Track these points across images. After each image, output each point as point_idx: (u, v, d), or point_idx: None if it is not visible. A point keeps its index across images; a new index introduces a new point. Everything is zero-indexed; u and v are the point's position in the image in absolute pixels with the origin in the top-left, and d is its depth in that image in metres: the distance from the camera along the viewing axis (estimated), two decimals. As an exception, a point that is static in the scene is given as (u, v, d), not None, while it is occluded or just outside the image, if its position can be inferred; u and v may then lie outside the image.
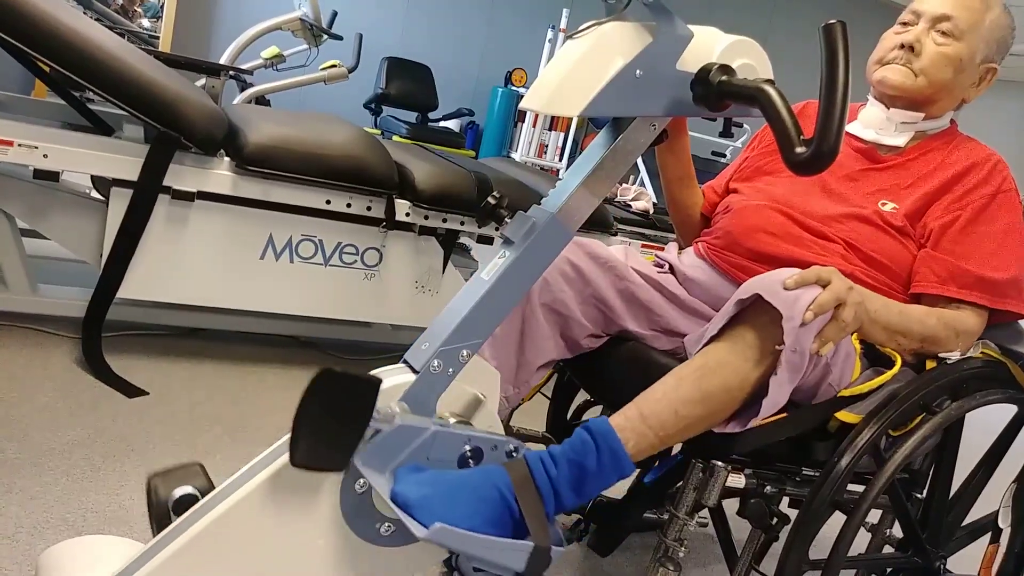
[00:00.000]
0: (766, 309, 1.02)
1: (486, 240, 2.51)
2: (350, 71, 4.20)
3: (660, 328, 1.30)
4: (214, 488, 0.97)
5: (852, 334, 1.16)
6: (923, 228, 1.28)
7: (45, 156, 1.85)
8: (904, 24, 1.35)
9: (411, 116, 6.39)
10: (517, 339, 1.26)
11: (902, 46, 1.32)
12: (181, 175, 1.96)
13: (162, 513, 0.97)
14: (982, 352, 1.22)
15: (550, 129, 6.74)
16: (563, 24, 6.13)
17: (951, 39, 1.29)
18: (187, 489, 0.99)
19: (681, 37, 1.00)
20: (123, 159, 1.90)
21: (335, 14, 4.32)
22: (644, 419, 1.01)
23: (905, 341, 1.20)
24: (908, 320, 1.19)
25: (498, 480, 0.94)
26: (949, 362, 1.19)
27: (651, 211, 2.92)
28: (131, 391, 1.90)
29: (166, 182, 1.94)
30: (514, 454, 1.01)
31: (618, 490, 1.63)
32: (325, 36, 4.02)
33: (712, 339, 1.07)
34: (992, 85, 1.38)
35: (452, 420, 1.02)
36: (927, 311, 1.22)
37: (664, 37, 0.98)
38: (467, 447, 0.99)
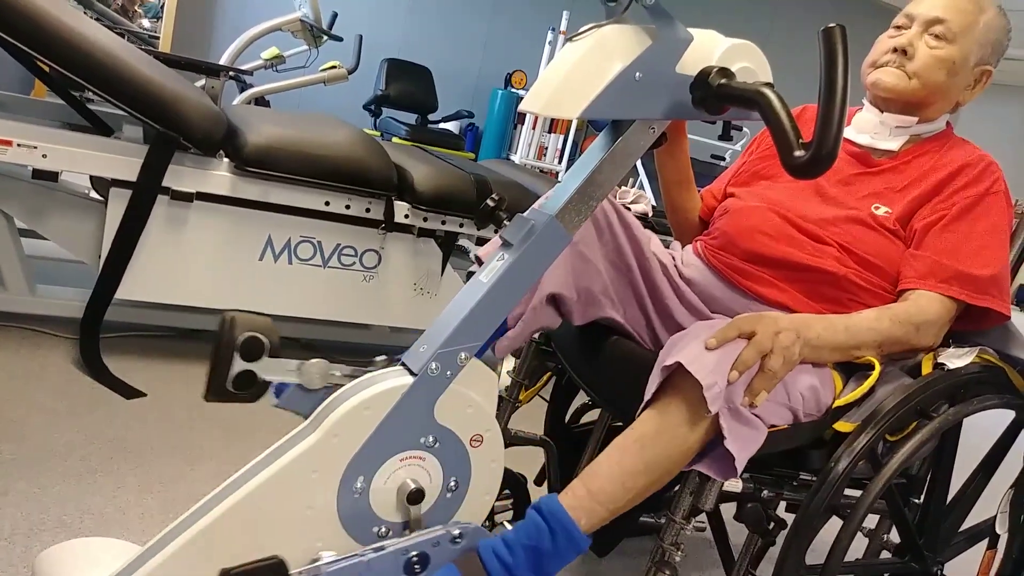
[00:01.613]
0: (690, 374, 1.00)
1: (485, 242, 2.51)
2: (350, 72, 4.20)
3: (663, 314, 1.31)
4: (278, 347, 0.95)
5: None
6: (910, 229, 1.28)
7: (44, 156, 1.85)
8: (898, 28, 1.36)
9: (411, 118, 6.39)
10: None
11: (895, 49, 1.33)
12: (180, 176, 1.96)
13: (228, 350, 0.93)
14: (980, 357, 1.21)
15: (550, 131, 6.73)
16: (563, 26, 6.12)
17: (944, 42, 1.29)
18: (258, 336, 0.94)
19: (681, 40, 1.00)
20: (122, 159, 1.90)
21: (335, 15, 4.32)
22: (592, 496, 1.02)
23: (862, 352, 1.18)
24: (857, 333, 1.16)
25: None
26: (948, 367, 1.18)
27: (650, 214, 2.91)
28: (129, 392, 1.90)
29: (165, 183, 1.94)
30: (459, 539, 1.00)
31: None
32: (325, 37, 4.02)
33: (648, 403, 1.06)
34: (988, 87, 1.38)
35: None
36: (877, 315, 1.20)
37: (664, 40, 0.98)
38: (411, 555, 0.98)
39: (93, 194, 2.11)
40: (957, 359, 1.19)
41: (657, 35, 0.98)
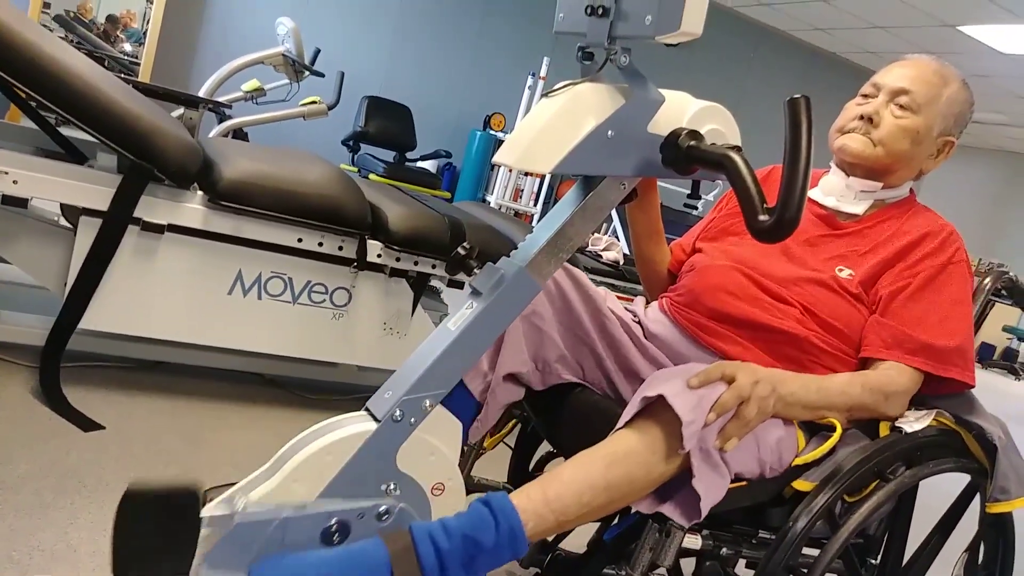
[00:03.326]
0: (670, 407, 1.02)
1: (457, 284, 2.52)
2: (330, 108, 4.22)
3: (624, 368, 1.32)
4: None
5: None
6: (875, 295, 1.31)
7: (15, 182, 1.83)
8: (865, 96, 1.40)
9: (389, 155, 6.42)
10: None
11: (862, 117, 1.37)
12: (152, 207, 1.95)
13: None
14: (936, 421, 1.24)
15: (526, 175, 6.79)
16: (543, 71, 6.22)
17: (909, 112, 1.34)
18: None
19: (653, 101, 1.02)
20: (94, 188, 1.89)
21: (318, 51, 4.36)
22: (547, 502, 1.01)
23: (831, 414, 1.20)
24: (828, 395, 1.20)
25: (370, 559, 0.91)
26: (906, 431, 1.20)
27: (621, 261, 2.95)
28: (87, 425, 1.86)
29: (137, 213, 1.92)
30: (385, 516, 0.98)
31: (578, 544, 1.62)
32: (307, 72, 4.05)
33: (625, 424, 1.07)
34: (950, 157, 1.43)
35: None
36: (849, 380, 1.23)
37: (636, 100, 1.01)
38: (331, 523, 0.95)
39: (63, 221, 2.09)
40: (914, 422, 1.21)
41: (630, 95, 1.01)
